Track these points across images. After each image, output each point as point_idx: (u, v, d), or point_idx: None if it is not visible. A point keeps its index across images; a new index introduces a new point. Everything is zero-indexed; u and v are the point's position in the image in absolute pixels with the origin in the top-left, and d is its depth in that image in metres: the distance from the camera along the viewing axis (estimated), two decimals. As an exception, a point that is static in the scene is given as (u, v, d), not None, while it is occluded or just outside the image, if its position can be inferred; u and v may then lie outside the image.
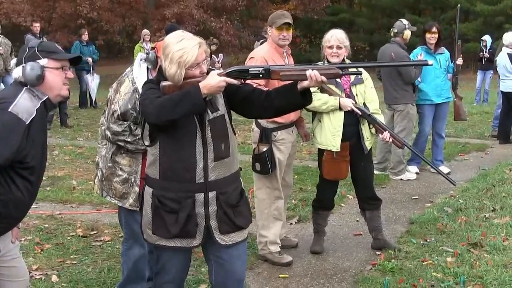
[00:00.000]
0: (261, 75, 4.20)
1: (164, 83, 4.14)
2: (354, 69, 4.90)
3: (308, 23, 40.13)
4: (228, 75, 4.11)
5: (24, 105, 3.93)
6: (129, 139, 5.22)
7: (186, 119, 4.09)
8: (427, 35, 10.85)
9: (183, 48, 4.07)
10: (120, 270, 6.08)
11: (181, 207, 4.29)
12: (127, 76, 5.35)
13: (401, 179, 10.64)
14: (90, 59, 20.55)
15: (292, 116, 6.81)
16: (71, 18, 35.18)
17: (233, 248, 4.48)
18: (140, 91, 4.70)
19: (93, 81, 20.51)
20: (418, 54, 10.78)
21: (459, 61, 11.05)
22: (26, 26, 28.25)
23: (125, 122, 5.24)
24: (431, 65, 4.43)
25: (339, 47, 6.75)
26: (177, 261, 4.56)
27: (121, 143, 5.26)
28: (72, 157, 13.04)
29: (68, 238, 7.77)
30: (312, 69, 4.05)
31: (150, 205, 4.36)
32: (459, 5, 12.44)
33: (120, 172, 5.40)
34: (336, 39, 6.80)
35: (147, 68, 5.26)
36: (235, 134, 4.53)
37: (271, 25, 6.88)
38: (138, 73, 5.31)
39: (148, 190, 4.40)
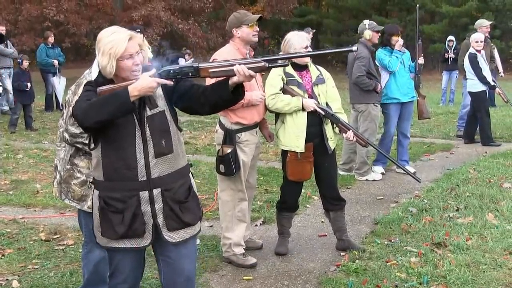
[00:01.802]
0: (190, 74, 4.22)
1: (100, 88, 4.12)
2: (281, 62, 4.93)
3: (276, 24, 40.26)
4: (160, 75, 4.12)
5: None
6: (87, 141, 5.20)
7: (124, 119, 4.08)
8: (394, 38, 10.94)
9: (113, 40, 4.13)
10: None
11: (126, 206, 4.27)
12: (85, 78, 5.32)
13: (366, 180, 10.67)
14: (56, 62, 20.49)
15: (255, 118, 6.83)
16: (37, 20, 34.96)
17: (182, 247, 4.46)
18: None
19: (59, 83, 20.41)
20: (387, 55, 10.90)
21: (421, 60, 11.25)
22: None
23: None
24: (356, 50, 4.47)
25: (306, 46, 6.84)
26: (129, 262, 4.53)
27: (79, 145, 5.25)
28: (36, 160, 12.93)
29: (31, 242, 7.67)
30: (240, 64, 4.09)
31: (98, 207, 4.33)
32: (418, 5, 12.57)
33: (78, 174, 5.37)
34: (307, 39, 6.95)
35: None
36: (180, 131, 4.53)
37: (239, 26, 6.84)
38: (95, 74, 5.29)
39: (96, 193, 4.38)
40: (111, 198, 4.26)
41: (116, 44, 4.13)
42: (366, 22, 11.05)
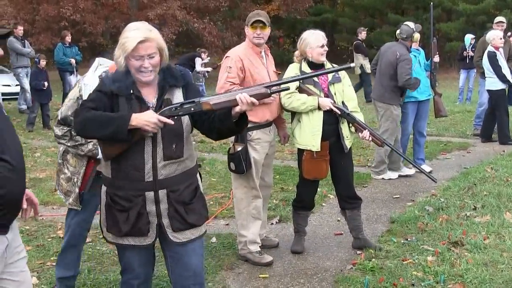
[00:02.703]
0: (192, 109, 4.22)
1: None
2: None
3: (291, 23, 40.24)
4: (162, 113, 4.14)
5: None
6: (69, 144, 5.37)
7: None
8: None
9: (128, 36, 4.17)
10: (101, 272, 6.06)
11: (132, 205, 4.31)
12: (79, 82, 5.43)
13: (382, 178, 10.65)
14: (73, 61, 20.56)
15: (267, 116, 6.85)
16: (54, 20, 35.05)
17: (189, 243, 4.49)
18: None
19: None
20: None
21: (436, 58, 11.13)
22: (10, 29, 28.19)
23: (65, 128, 5.42)
24: (354, 67, 4.54)
25: (322, 46, 6.86)
26: (138, 258, 4.58)
27: (63, 147, 5.40)
28: (54, 158, 12.94)
29: (49, 239, 7.75)
30: (242, 93, 4.11)
31: (104, 204, 4.40)
32: (431, 3, 12.46)
33: (66, 170, 5.60)
34: (324, 38, 6.94)
35: None
36: (191, 131, 4.54)
37: (247, 24, 6.91)
38: (89, 80, 5.38)
39: (103, 189, 4.44)
40: (117, 196, 4.30)
41: (128, 42, 4.16)
42: (411, 25, 10.91)
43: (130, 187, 4.26)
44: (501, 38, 13.70)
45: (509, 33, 14.89)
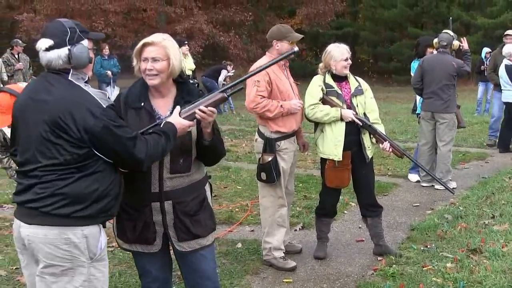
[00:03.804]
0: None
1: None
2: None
3: (313, 36, 40.25)
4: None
5: None
6: None
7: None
8: (429, 49, 10.90)
9: (140, 41, 4.33)
10: (131, 275, 6.08)
11: (139, 215, 4.34)
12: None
13: (454, 188, 10.00)
14: (109, 73, 20.77)
15: (294, 126, 6.88)
16: (88, 32, 35.15)
17: (197, 251, 4.50)
18: None
19: (112, 93, 20.58)
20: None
21: None
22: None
23: None
24: (298, 50, 4.52)
25: (346, 59, 6.89)
26: (153, 263, 4.60)
27: None
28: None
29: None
30: (199, 109, 4.13)
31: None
32: (450, 18, 12.45)
33: None
34: (347, 52, 6.95)
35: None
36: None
37: (281, 39, 6.87)
38: None
39: None
40: (126, 205, 4.29)
41: (138, 45, 4.27)
42: (450, 32, 10.85)
43: (137, 197, 4.28)
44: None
45: None
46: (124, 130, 3.70)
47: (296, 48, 4.43)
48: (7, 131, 6.90)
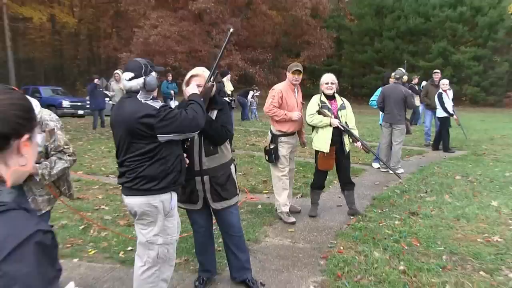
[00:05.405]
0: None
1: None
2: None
3: (311, 71, 40.07)
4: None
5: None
6: None
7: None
8: (391, 79, 10.97)
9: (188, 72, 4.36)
10: (187, 223, 6.17)
11: (187, 185, 4.38)
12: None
13: (401, 172, 10.36)
14: (172, 92, 20.86)
15: (291, 128, 6.96)
16: (162, 65, 35.25)
17: (225, 209, 4.53)
18: None
19: (173, 105, 20.61)
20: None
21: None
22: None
23: None
24: (232, 30, 4.31)
25: (332, 83, 6.89)
26: (199, 216, 4.63)
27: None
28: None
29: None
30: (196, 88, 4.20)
31: None
32: (406, 60, 12.42)
33: None
34: (330, 78, 6.95)
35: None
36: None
37: (288, 71, 6.98)
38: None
39: None
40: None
41: (186, 76, 4.34)
42: (402, 69, 10.87)
43: (187, 173, 4.24)
44: (446, 84, 13.62)
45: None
46: (175, 112, 3.69)
47: (232, 29, 4.36)
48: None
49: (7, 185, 1.48)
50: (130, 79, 3.80)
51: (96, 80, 19.36)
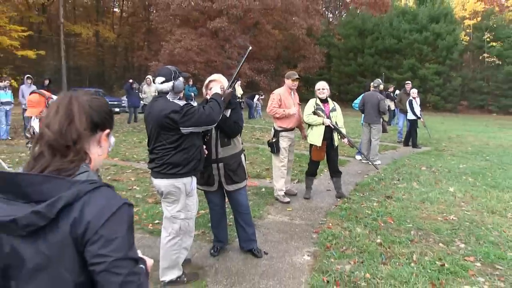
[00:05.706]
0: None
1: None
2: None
3: (306, 80, 39.89)
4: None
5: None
6: None
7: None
8: (372, 88, 10.86)
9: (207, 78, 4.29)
10: (204, 202, 6.17)
11: (205, 170, 4.35)
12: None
13: (379, 164, 10.21)
14: (192, 94, 20.77)
15: (291, 124, 6.89)
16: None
17: (236, 191, 4.49)
18: None
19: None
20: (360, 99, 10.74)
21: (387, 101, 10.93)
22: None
23: None
24: (251, 48, 4.32)
25: (323, 89, 6.84)
26: (214, 196, 4.59)
27: None
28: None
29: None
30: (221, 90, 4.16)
31: None
32: (383, 73, 12.35)
33: None
34: (322, 85, 6.91)
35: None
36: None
37: (288, 78, 6.91)
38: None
39: None
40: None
41: (206, 81, 4.27)
42: (379, 80, 10.91)
43: (206, 161, 4.23)
44: (416, 92, 13.58)
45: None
46: (194, 109, 3.67)
47: (250, 47, 4.35)
48: (36, 126, 6.68)
49: (91, 168, 1.54)
50: (162, 82, 3.79)
51: (130, 81, 19.69)
